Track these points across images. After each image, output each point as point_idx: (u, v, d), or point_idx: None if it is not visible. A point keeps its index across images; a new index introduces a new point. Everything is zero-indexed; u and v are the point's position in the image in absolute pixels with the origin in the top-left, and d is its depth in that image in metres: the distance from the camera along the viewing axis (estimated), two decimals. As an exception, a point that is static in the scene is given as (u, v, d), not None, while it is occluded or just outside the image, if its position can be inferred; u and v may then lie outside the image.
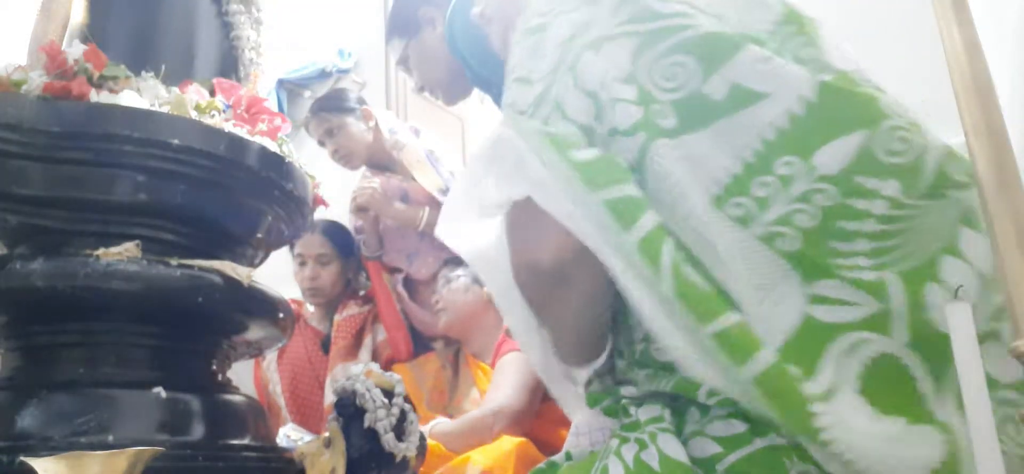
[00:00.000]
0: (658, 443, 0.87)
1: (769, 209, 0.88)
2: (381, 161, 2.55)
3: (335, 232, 2.55)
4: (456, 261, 2.23)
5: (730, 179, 0.89)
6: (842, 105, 0.91)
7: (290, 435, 2.16)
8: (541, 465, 1.13)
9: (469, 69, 1.56)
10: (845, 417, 0.80)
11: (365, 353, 2.47)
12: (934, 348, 0.83)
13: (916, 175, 0.89)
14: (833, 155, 0.88)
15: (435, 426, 1.99)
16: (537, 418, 1.98)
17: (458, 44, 1.53)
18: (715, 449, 0.87)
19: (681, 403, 0.92)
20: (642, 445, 0.88)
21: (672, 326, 0.86)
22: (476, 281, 2.20)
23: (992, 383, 0.80)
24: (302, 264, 2.54)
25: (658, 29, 0.95)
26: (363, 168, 2.59)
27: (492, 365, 2.16)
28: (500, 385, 2.01)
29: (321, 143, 2.57)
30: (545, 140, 0.92)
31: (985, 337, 0.83)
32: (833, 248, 0.87)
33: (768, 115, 0.89)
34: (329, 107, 2.55)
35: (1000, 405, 0.82)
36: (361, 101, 2.60)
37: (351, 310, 2.55)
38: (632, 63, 0.94)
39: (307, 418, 2.51)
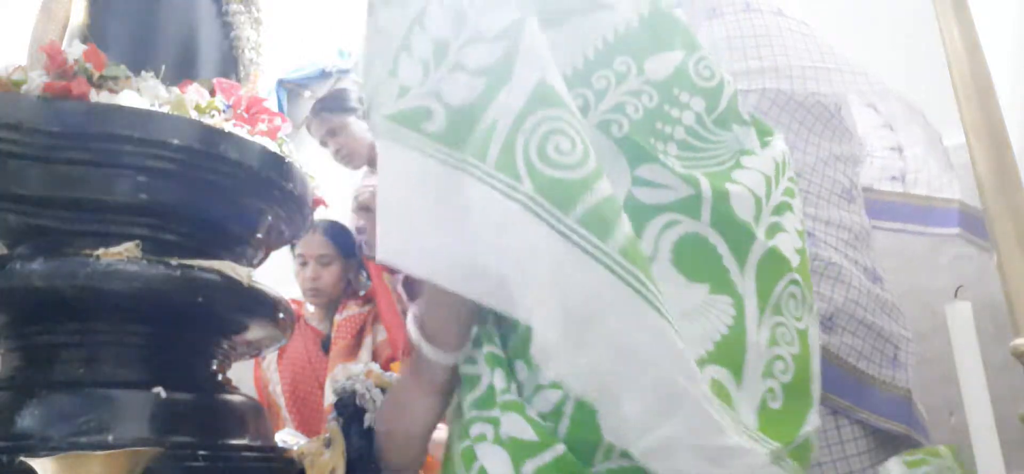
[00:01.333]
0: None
1: (604, 99, 0.97)
2: None
3: (336, 233, 2.56)
4: None
5: (572, 72, 0.97)
6: (669, 27, 1.04)
7: (287, 440, 2.16)
8: None
9: None
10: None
11: (365, 353, 2.48)
12: (736, 232, 0.95)
13: (715, 100, 1.02)
14: (660, 64, 1.00)
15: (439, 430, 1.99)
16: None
17: None
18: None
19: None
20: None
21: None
22: None
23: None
24: (303, 265, 2.55)
25: None
26: (365, 168, 2.60)
27: None
28: None
29: (323, 143, 2.57)
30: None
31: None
32: (653, 142, 0.97)
33: (611, 20, 1.00)
34: (331, 107, 2.55)
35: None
36: (362, 101, 2.60)
37: (351, 310, 2.56)
38: None
39: (307, 418, 2.52)
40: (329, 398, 2.38)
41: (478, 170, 0.83)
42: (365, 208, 2.47)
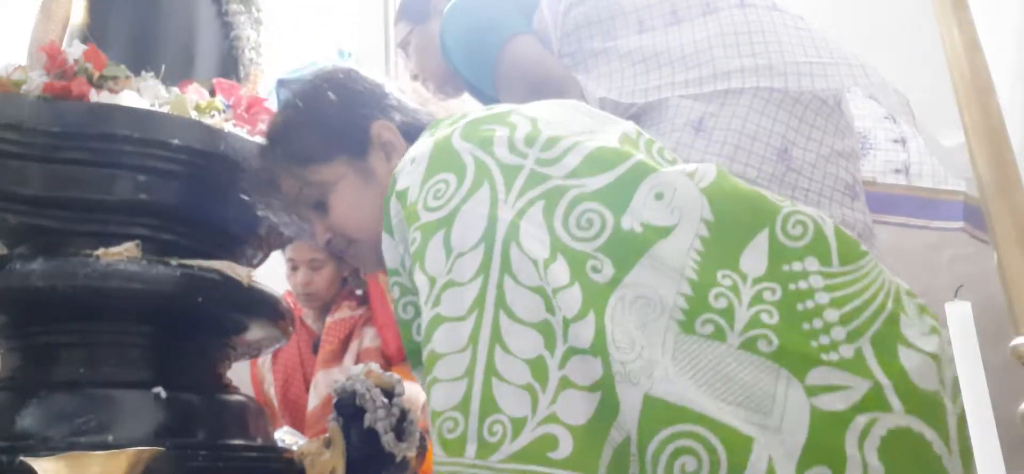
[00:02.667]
0: None
1: (736, 318, 0.87)
2: None
3: None
4: None
5: (685, 308, 0.88)
6: (737, 211, 0.94)
7: (284, 439, 2.16)
8: None
9: (461, 78, 1.55)
10: None
11: (349, 359, 2.45)
12: (930, 408, 0.85)
13: (823, 246, 0.93)
14: (754, 258, 0.91)
15: None
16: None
17: (450, 53, 1.52)
18: None
19: None
20: None
21: None
22: None
23: None
24: (294, 269, 2.50)
25: (553, 188, 0.92)
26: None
27: None
28: None
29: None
30: None
31: None
32: (808, 330, 0.87)
33: (684, 243, 0.91)
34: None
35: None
36: None
37: (343, 313, 2.53)
38: (548, 227, 0.90)
39: (297, 419, 2.50)
40: (312, 402, 2.37)
41: None
42: None
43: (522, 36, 1.42)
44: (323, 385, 2.37)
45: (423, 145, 0.97)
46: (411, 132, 1.11)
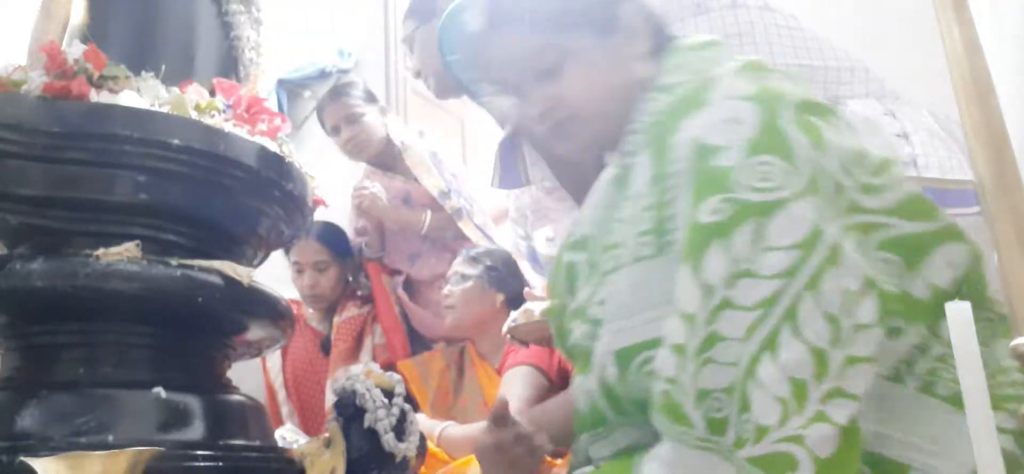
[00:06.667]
0: None
1: (917, 365, 0.86)
2: (386, 161, 2.54)
3: (330, 236, 2.54)
4: (470, 258, 2.23)
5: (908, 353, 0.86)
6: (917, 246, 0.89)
7: (286, 436, 2.16)
8: None
9: (457, 79, 1.56)
10: None
11: (365, 355, 2.47)
12: None
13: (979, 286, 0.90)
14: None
15: (446, 428, 2.00)
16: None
17: (446, 55, 1.52)
18: None
19: None
20: None
21: None
22: (489, 284, 2.19)
23: None
24: (300, 272, 2.52)
25: (866, 223, 0.87)
26: (364, 167, 2.59)
27: (499, 372, 2.15)
28: (508, 397, 2.01)
29: (334, 130, 2.52)
30: None
31: None
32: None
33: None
34: (352, 93, 2.52)
35: None
36: (374, 98, 2.59)
37: (351, 312, 2.54)
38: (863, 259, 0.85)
39: (310, 420, 2.51)
40: (330, 400, 2.39)
41: None
42: (365, 211, 2.47)
43: None
44: None
45: (747, 111, 0.88)
46: (659, 31, 1.07)
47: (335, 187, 2.21)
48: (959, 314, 0.64)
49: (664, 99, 0.97)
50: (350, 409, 1.37)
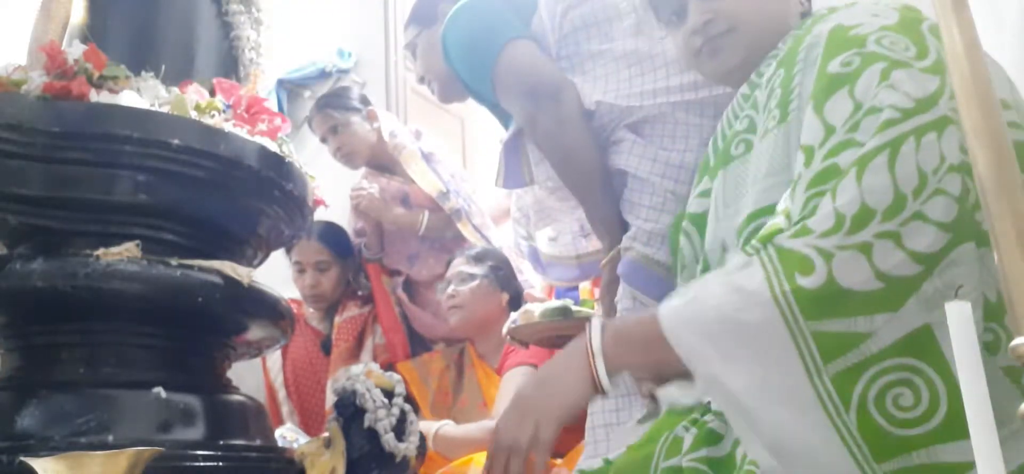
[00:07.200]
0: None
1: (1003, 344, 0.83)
2: (382, 163, 2.55)
3: (331, 236, 2.54)
4: (472, 258, 2.23)
5: (987, 304, 0.82)
6: None
7: (286, 436, 2.16)
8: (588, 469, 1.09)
9: (461, 81, 1.56)
10: None
11: (366, 355, 2.48)
12: None
13: None
14: None
15: (442, 427, 2.00)
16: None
17: (450, 58, 1.53)
18: None
19: None
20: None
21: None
22: (495, 284, 2.19)
23: None
24: (301, 272, 2.53)
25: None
26: (363, 168, 2.59)
27: (499, 372, 2.15)
28: (507, 398, 2.01)
29: (323, 140, 2.56)
30: None
31: None
32: None
33: None
34: (335, 104, 2.54)
35: None
36: (366, 101, 2.60)
37: (351, 312, 2.55)
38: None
39: (310, 420, 2.51)
40: (330, 400, 2.39)
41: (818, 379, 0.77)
42: (362, 212, 2.48)
43: (519, 41, 1.43)
44: None
45: (889, 11, 0.92)
46: None
47: (335, 187, 2.21)
48: (959, 314, 0.64)
49: (809, 21, 1.01)
50: (350, 409, 1.37)
